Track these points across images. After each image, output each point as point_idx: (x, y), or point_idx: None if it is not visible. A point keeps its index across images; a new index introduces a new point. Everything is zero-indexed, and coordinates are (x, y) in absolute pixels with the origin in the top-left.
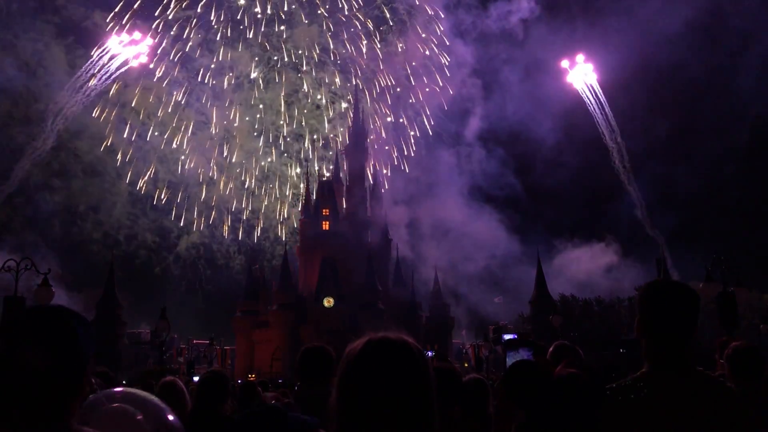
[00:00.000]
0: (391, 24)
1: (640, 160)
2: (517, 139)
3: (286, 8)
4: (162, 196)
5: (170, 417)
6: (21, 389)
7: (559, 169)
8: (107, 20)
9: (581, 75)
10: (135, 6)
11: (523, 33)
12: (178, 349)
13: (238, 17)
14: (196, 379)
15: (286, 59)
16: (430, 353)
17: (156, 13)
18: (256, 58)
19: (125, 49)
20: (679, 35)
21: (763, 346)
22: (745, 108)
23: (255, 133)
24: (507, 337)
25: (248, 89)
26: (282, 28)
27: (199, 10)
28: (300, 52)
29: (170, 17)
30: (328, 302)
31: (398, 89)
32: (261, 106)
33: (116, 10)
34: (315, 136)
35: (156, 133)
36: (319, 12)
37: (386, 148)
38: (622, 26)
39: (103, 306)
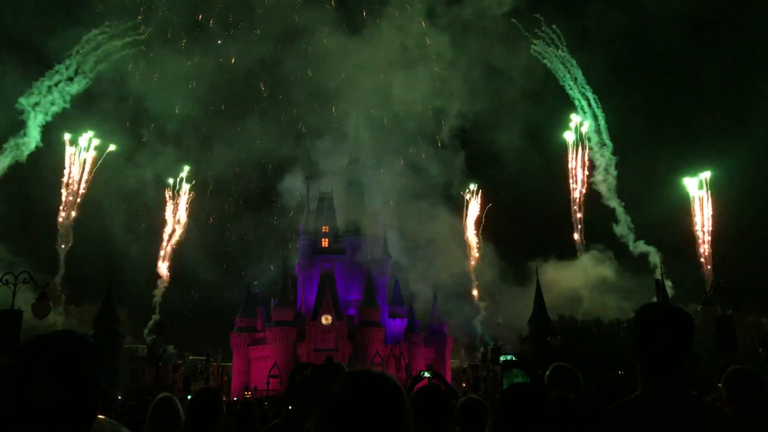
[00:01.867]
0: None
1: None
2: None
3: None
4: None
5: None
6: (35, 422)
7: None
8: None
9: None
10: None
11: None
12: (174, 365)
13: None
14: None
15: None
16: (427, 373)
17: None
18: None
19: None
20: None
21: (762, 371)
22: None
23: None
24: (502, 358)
25: None
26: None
27: None
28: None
29: None
30: (326, 320)
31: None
32: None
33: None
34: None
35: None
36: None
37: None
38: None
39: (101, 320)
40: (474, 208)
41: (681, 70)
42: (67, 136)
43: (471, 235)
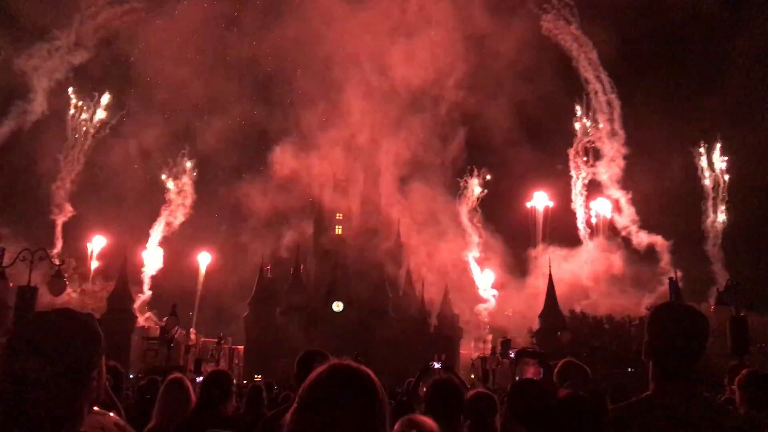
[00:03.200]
0: None
1: None
2: None
3: None
4: None
5: None
6: (26, 400)
7: None
8: None
9: None
10: None
11: None
12: (186, 347)
13: None
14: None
15: None
16: (437, 364)
17: None
18: None
19: None
20: None
21: None
22: None
23: None
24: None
25: None
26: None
27: None
28: None
29: None
30: (338, 306)
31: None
32: None
33: None
34: None
35: None
36: None
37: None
38: None
39: (114, 300)
40: (473, 191)
41: (707, 47)
42: (71, 101)
43: (471, 220)
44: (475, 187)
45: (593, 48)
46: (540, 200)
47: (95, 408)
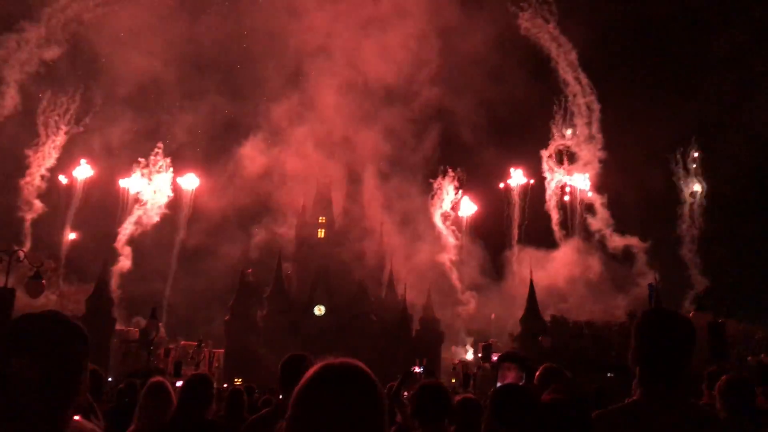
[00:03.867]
0: None
1: None
2: None
3: None
4: None
5: None
6: (13, 402)
7: None
8: None
9: None
10: None
11: None
12: (166, 350)
13: None
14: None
15: None
16: (419, 368)
17: None
18: None
19: None
20: None
21: (750, 378)
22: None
23: None
24: (495, 357)
25: None
26: None
27: None
28: None
29: None
30: (320, 310)
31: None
32: None
33: None
34: None
35: None
36: None
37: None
38: None
39: (93, 302)
40: (447, 191)
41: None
42: (44, 96)
43: (444, 222)
44: (449, 188)
45: (572, 48)
46: (516, 178)
47: (75, 417)
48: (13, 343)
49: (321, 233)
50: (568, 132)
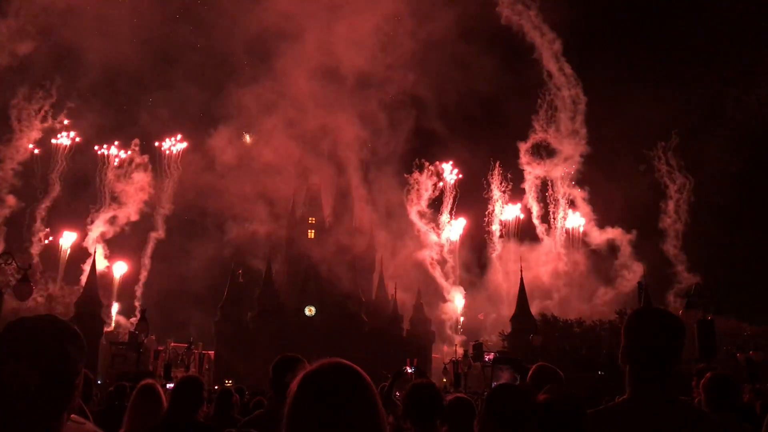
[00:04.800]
0: None
1: None
2: None
3: None
4: None
5: None
6: (11, 406)
7: None
8: None
9: None
10: None
11: None
12: (155, 352)
13: None
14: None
15: None
16: (410, 368)
17: None
18: None
19: None
20: None
21: (740, 375)
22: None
23: None
24: (488, 357)
25: None
26: None
27: None
28: None
29: None
30: (310, 311)
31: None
32: None
33: None
34: None
35: None
36: None
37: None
38: None
39: (82, 304)
40: (425, 184)
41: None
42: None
43: (421, 219)
44: (427, 183)
45: (556, 38)
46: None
47: (72, 416)
48: (9, 347)
49: (311, 234)
50: (549, 126)
